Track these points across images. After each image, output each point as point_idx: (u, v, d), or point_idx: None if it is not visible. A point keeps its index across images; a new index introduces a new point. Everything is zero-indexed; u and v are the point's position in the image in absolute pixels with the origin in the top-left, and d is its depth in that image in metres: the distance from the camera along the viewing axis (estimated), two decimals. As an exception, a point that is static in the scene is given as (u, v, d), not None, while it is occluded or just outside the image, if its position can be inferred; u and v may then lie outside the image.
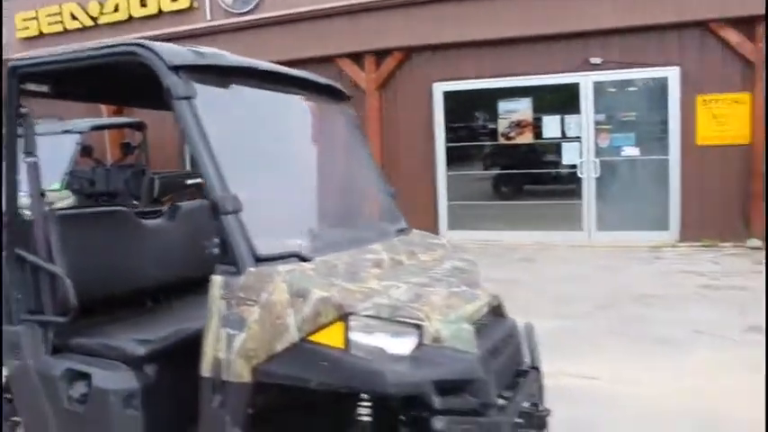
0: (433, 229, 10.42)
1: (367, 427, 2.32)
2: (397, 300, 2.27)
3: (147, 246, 3.21)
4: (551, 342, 5.38)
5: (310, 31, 10.55)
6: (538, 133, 9.73)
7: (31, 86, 2.81)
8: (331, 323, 2.13)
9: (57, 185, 8.42)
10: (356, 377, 2.10)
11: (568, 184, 9.64)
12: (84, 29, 14.53)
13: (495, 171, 10.86)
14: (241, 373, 2.21)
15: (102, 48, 2.50)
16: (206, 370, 2.29)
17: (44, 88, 2.87)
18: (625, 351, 5.04)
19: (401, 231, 3.13)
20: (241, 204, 2.26)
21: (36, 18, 15.34)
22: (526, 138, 9.82)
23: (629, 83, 9.37)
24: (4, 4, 15.92)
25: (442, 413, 2.13)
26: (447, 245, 3.15)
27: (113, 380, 2.57)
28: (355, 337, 2.15)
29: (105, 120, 11.48)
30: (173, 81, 2.30)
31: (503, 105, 9.83)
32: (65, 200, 8.02)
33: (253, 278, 2.21)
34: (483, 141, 10.48)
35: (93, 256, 2.92)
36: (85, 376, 2.63)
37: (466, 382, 2.21)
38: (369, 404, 2.33)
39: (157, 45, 2.37)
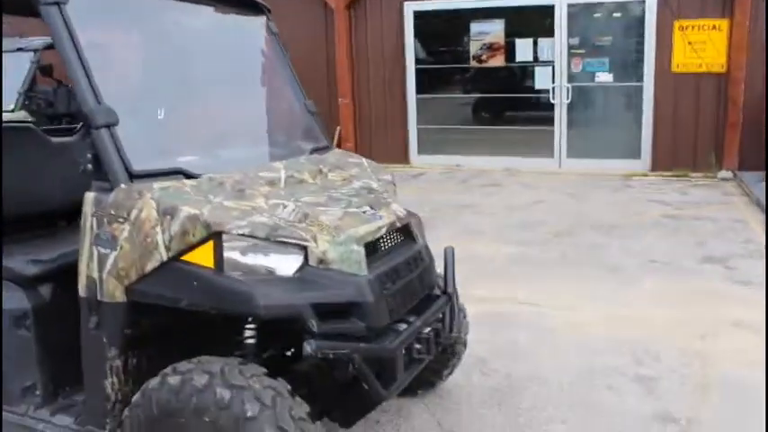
0: (403, 153, 10.27)
1: (253, 350, 2.25)
2: (281, 219, 2.15)
3: (55, 165, 3.05)
4: (503, 268, 5.38)
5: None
6: (510, 57, 9.42)
7: None
8: (201, 242, 2.02)
9: (12, 106, 8.13)
10: (225, 298, 2.00)
11: (540, 110, 9.43)
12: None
13: (466, 95, 10.60)
14: (114, 293, 2.12)
15: None
16: (82, 290, 2.20)
17: None
18: (574, 278, 5.01)
19: (317, 150, 2.98)
20: (116, 117, 2.12)
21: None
22: (498, 61, 9.52)
23: (604, 6, 9.03)
24: None
25: (322, 337, 2.04)
26: (365, 164, 3.00)
27: (5, 300, 2.47)
28: (230, 256, 2.04)
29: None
30: None
31: (475, 27, 9.49)
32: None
33: (123, 195, 2.08)
34: (454, 64, 10.15)
35: None
36: None
37: (352, 306, 2.13)
38: (254, 327, 2.25)
39: None
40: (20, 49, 8.69)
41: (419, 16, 9.76)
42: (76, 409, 2.39)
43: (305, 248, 2.13)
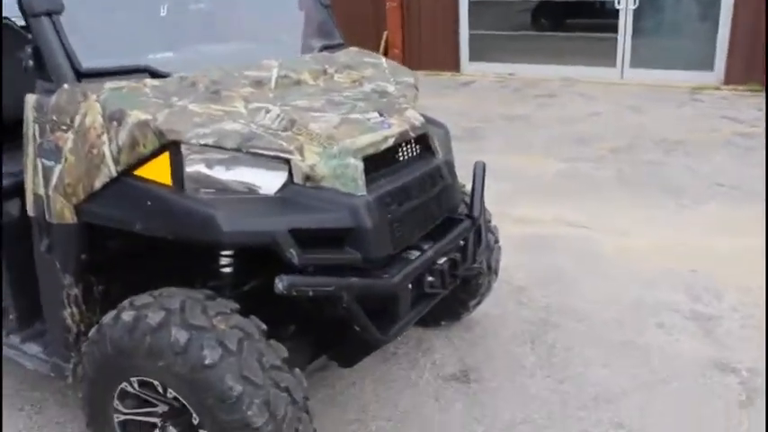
0: (453, 60, 9.60)
1: (230, 281, 1.93)
2: (259, 126, 1.76)
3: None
4: (551, 186, 4.89)
5: None
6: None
7: None
8: (154, 154, 1.66)
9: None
10: (183, 222, 1.66)
11: (603, 17, 8.52)
12: None
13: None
14: (62, 212, 1.80)
15: None
16: (29, 208, 1.89)
17: None
18: (629, 200, 4.50)
19: (328, 48, 2.55)
20: (61, 4, 1.73)
21: None
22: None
23: None
24: None
25: (303, 270, 1.69)
26: (384, 64, 2.56)
27: None
28: (193, 172, 1.68)
29: None
30: None
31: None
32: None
33: (66, 97, 1.73)
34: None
35: None
36: None
37: (346, 233, 1.75)
38: (231, 254, 1.91)
39: None
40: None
41: None
42: (45, 341, 2.14)
43: (287, 162, 1.75)
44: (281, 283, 1.61)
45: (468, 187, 2.51)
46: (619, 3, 8.22)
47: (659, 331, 2.86)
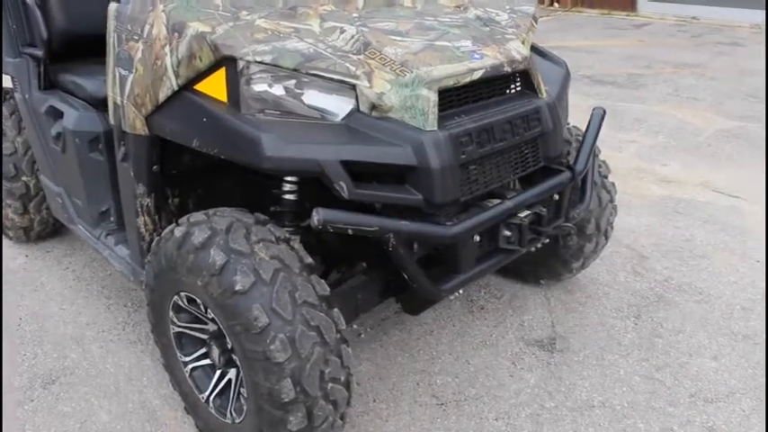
0: (630, -1, 8.76)
1: (289, 208, 1.84)
2: (328, 47, 1.63)
3: None
4: (709, 144, 4.34)
5: None
6: None
7: None
8: (211, 69, 1.59)
9: None
10: (230, 141, 1.58)
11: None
12: None
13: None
14: (134, 123, 1.80)
15: None
16: (111, 116, 1.92)
17: None
18: (797, 170, 3.87)
19: None
20: None
21: None
22: None
23: None
24: None
25: (349, 205, 1.56)
26: (503, -8, 2.29)
27: (78, 121, 2.30)
28: (251, 89, 1.59)
29: None
30: None
31: None
32: None
33: (138, 5, 1.69)
34: None
35: None
36: (61, 115, 2.40)
37: (409, 171, 1.60)
38: (293, 181, 1.82)
39: None
40: None
41: None
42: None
43: (354, 87, 1.60)
44: (316, 217, 1.49)
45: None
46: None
47: (796, 329, 2.44)
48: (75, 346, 2.38)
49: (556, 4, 9.24)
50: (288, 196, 1.83)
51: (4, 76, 2.69)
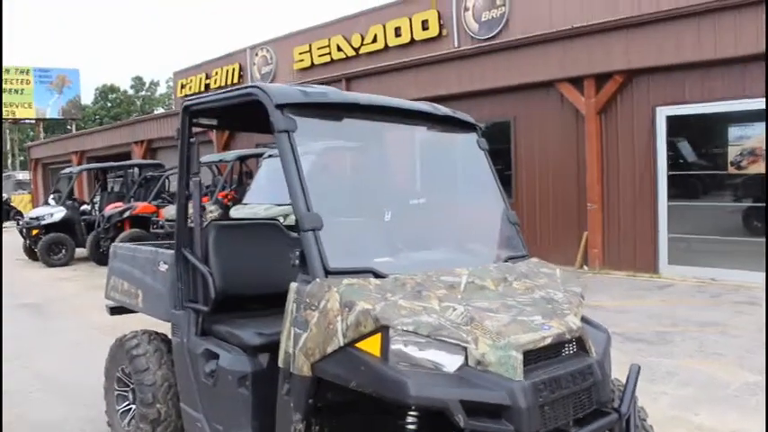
0: (652, 262, 9.76)
1: (413, 434, 2.47)
2: (447, 320, 2.40)
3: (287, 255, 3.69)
4: (737, 396, 4.85)
5: (549, 53, 10.69)
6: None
7: (203, 120, 3.45)
8: (371, 333, 2.35)
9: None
10: (384, 384, 2.29)
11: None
12: (347, 58, 16.57)
13: (723, 203, 9.73)
14: (302, 367, 2.53)
15: (233, 90, 3.01)
16: (280, 361, 2.66)
17: (213, 122, 3.52)
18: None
19: (512, 258, 3.18)
20: (321, 222, 2.58)
21: (309, 51, 17.82)
22: (759, 167, 8.69)
23: None
24: (283, 40, 18.90)
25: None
26: (557, 275, 3.12)
27: (232, 362, 3.06)
28: (396, 349, 2.33)
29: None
30: (276, 117, 2.71)
31: (733, 131, 8.85)
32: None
33: (317, 287, 2.52)
34: (710, 171, 9.50)
35: (240, 261, 3.47)
36: (216, 357, 3.16)
37: (504, 409, 2.26)
38: (416, 415, 2.47)
39: (269, 86, 2.80)
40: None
41: (671, 121, 9.44)
42: None
43: (465, 348, 2.34)
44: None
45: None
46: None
47: None
48: None
49: (585, 267, 10.28)
50: (410, 426, 2.48)
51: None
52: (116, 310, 4.34)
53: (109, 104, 56.50)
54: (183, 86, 24.13)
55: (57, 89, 36.66)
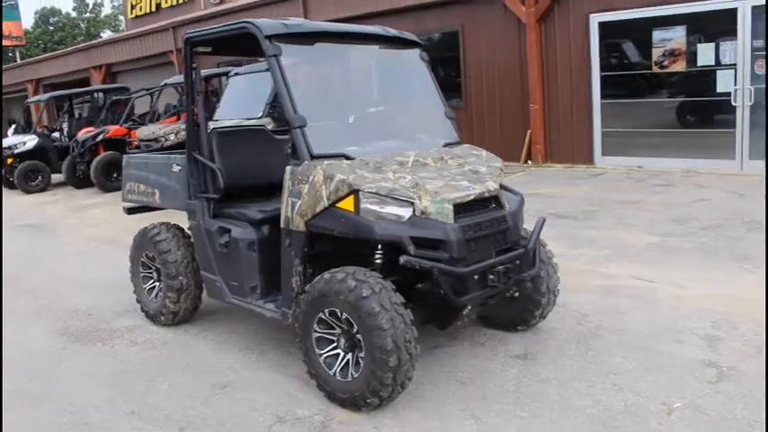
0: (588, 154, 10.91)
1: (379, 266, 3.51)
2: (399, 185, 3.40)
3: (277, 153, 4.63)
4: (639, 253, 6.08)
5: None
6: (692, 61, 9.64)
7: (200, 49, 4.29)
8: (346, 196, 3.35)
9: (259, 114, 10.33)
10: (357, 228, 3.31)
11: (721, 113, 9.51)
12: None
13: (648, 99, 10.79)
14: (299, 225, 3.54)
15: (229, 25, 3.86)
16: (282, 223, 3.66)
17: (208, 49, 4.35)
18: (699, 264, 5.55)
19: (449, 144, 4.17)
20: (305, 121, 3.52)
21: None
22: (680, 66, 9.77)
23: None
24: None
25: (413, 256, 3.26)
26: (483, 155, 4.12)
27: (243, 233, 4.06)
28: (364, 205, 3.34)
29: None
30: (266, 45, 3.59)
31: (657, 34, 9.84)
32: (267, 125, 9.98)
33: (306, 167, 3.49)
34: (637, 71, 10.55)
35: (239, 159, 4.40)
36: (228, 231, 4.14)
37: (439, 242, 3.31)
38: (381, 252, 3.51)
39: (259, 21, 3.66)
40: (267, 70, 11.10)
41: (603, 26, 10.37)
42: (278, 302, 3.87)
43: (412, 203, 3.35)
44: (402, 258, 3.19)
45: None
46: (736, 100, 9.20)
47: (673, 343, 4.02)
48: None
49: (529, 162, 11.43)
50: (378, 259, 3.52)
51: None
52: (131, 212, 5.27)
53: (51, 28, 54.48)
54: (133, 6, 23.95)
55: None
